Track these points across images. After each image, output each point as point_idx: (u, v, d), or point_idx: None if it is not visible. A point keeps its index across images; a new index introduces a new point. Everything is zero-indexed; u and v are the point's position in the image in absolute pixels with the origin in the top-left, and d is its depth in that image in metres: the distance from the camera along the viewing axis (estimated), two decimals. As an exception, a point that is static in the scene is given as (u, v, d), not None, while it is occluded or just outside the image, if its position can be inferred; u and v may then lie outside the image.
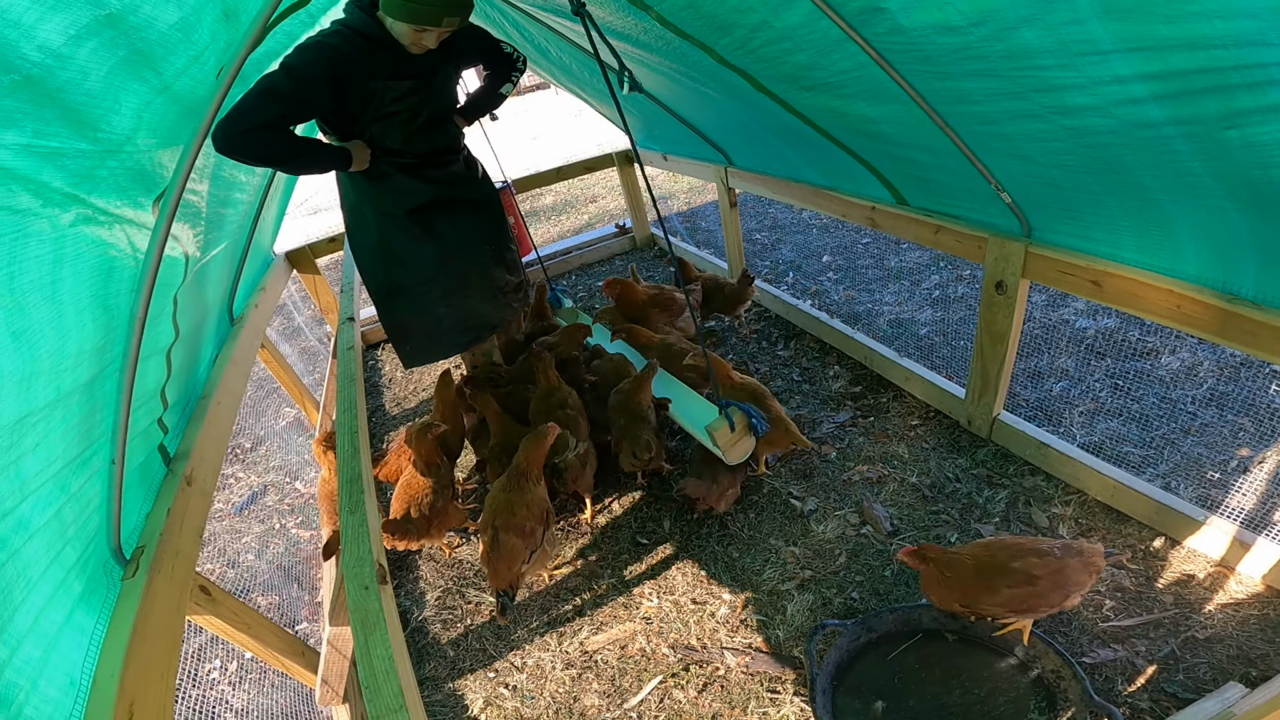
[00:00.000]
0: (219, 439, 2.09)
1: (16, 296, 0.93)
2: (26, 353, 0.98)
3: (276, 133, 2.01)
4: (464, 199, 2.68)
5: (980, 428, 2.72)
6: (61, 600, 1.21)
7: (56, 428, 1.14)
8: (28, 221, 0.95)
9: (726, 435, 2.32)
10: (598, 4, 2.42)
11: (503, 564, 2.19)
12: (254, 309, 2.97)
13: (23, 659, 1.04)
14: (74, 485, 1.25)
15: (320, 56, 2.08)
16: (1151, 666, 1.84)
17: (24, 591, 1.07)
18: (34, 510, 1.10)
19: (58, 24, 0.90)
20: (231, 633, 1.84)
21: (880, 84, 1.89)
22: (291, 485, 3.80)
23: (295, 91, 2.02)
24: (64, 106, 0.99)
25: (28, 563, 1.08)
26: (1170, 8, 1.07)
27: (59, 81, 0.96)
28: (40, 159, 0.97)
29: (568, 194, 8.21)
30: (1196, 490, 2.31)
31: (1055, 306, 3.52)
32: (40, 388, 1.06)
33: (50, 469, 1.15)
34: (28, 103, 0.92)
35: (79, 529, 1.29)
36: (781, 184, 3.46)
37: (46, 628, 1.14)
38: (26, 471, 1.07)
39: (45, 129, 0.96)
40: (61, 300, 1.06)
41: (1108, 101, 1.38)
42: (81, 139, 1.06)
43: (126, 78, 1.11)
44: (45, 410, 1.09)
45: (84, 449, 1.28)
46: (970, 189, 2.22)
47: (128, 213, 1.30)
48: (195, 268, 1.94)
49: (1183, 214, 1.61)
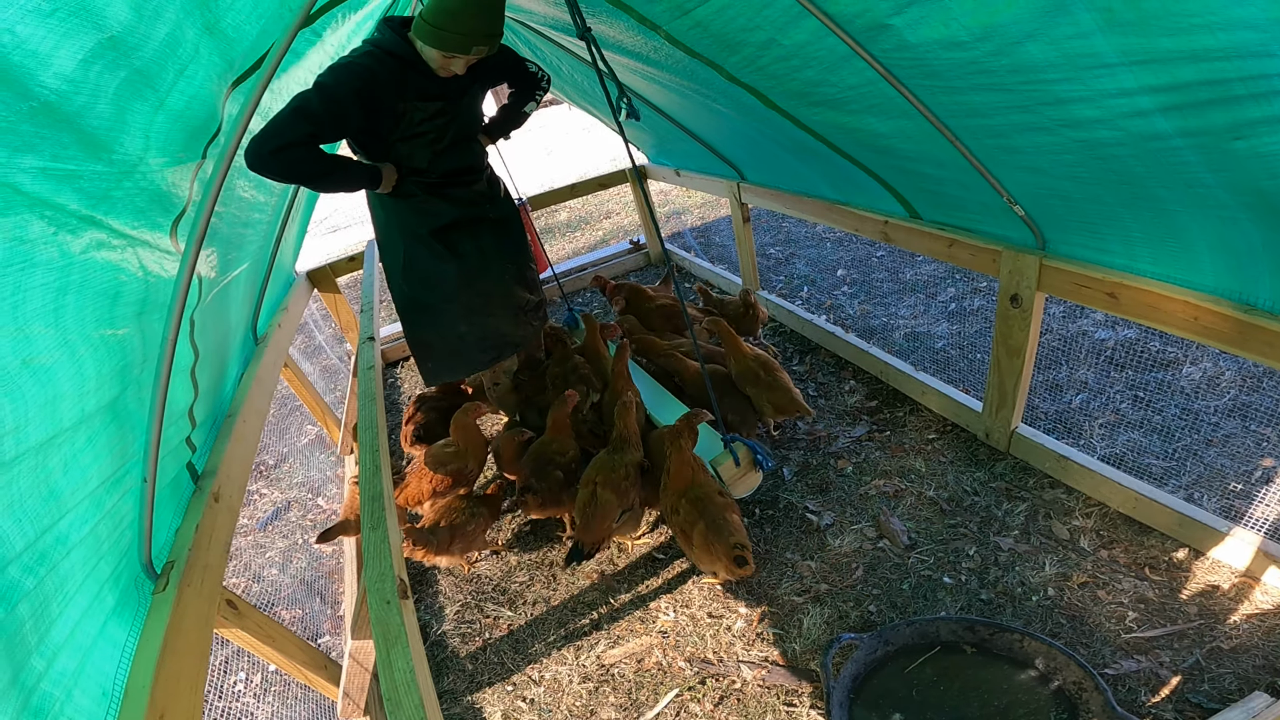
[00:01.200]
0: (245, 456, 2.13)
1: (20, 324, 0.95)
2: (43, 377, 1.01)
3: (307, 151, 2.04)
4: (487, 218, 2.72)
5: (999, 441, 2.70)
6: (96, 613, 1.24)
7: (85, 448, 1.18)
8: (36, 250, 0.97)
9: (731, 470, 2.32)
10: (609, 24, 2.47)
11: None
12: (277, 328, 3.03)
13: (59, 670, 1.07)
14: (109, 502, 1.29)
15: (352, 76, 2.12)
16: (1176, 677, 1.82)
17: (61, 605, 1.10)
18: (72, 526, 1.14)
19: (70, 50, 0.93)
20: (257, 645, 1.86)
21: (888, 99, 1.91)
22: (314, 501, 3.85)
23: (327, 110, 2.05)
24: (79, 130, 1.02)
25: (65, 577, 1.12)
26: (1173, 21, 1.09)
27: (75, 106, 0.99)
28: (58, 181, 0.99)
29: (582, 210, 8.28)
30: (1220, 501, 2.28)
31: (1073, 318, 3.50)
32: (65, 409, 1.09)
33: (86, 487, 1.18)
34: (46, 128, 0.94)
35: (113, 544, 1.33)
36: (794, 199, 3.48)
37: (81, 640, 1.17)
38: (61, 490, 1.10)
39: (62, 152, 0.99)
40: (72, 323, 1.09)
41: (1115, 114, 1.39)
42: (97, 161, 1.09)
43: (130, 98, 1.13)
44: (70, 431, 1.12)
45: (118, 468, 1.31)
46: (983, 202, 2.22)
47: (145, 234, 1.33)
48: (215, 289, 1.99)
49: (1196, 225, 1.61)
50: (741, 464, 2.33)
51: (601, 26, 2.53)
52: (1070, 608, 2.07)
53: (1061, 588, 2.13)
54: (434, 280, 2.67)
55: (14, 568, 0.97)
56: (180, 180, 1.45)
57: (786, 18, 1.79)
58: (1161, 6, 1.07)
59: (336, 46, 2.46)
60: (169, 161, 1.37)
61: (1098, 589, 2.10)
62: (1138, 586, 2.08)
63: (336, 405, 4.36)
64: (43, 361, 1.00)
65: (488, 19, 2.11)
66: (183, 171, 1.45)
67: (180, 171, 1.44)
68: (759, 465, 2.34)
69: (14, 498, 0.98)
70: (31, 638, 1.00)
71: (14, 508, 0.98)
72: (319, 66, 2.27)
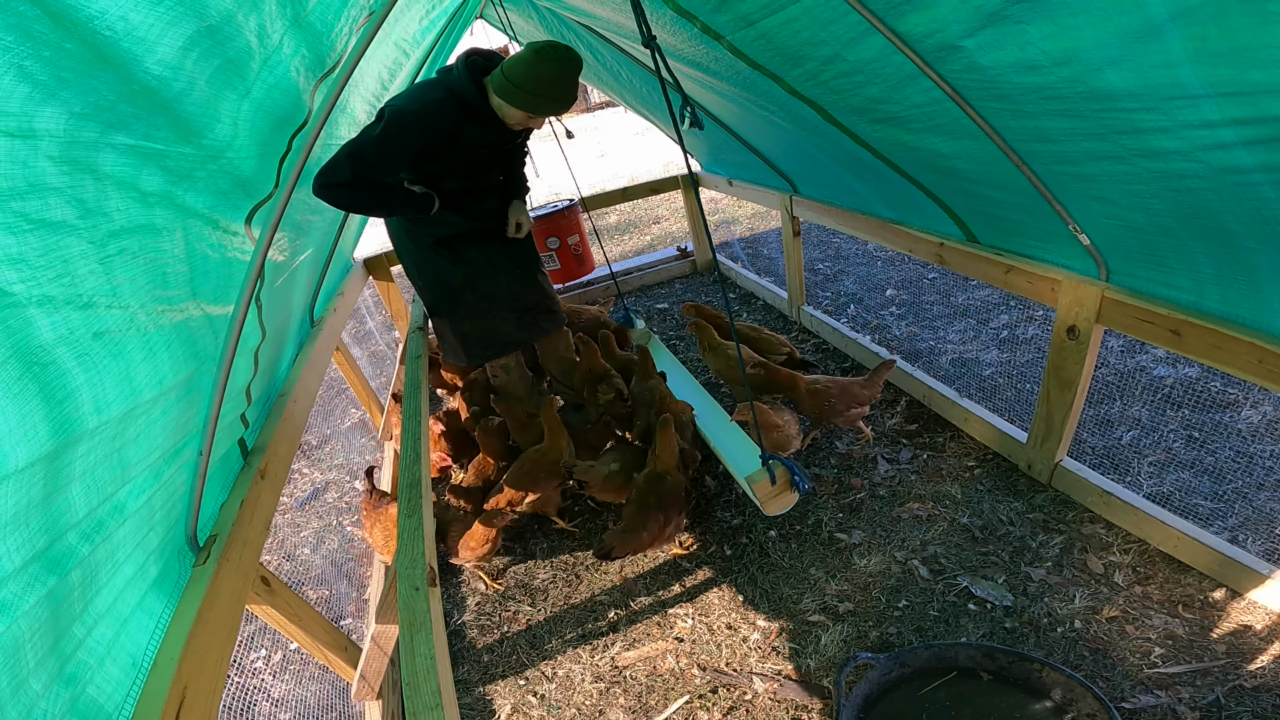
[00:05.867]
0: (292, 435, 2.18)
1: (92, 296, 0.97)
2: (116, 350, 1.03)
3: (353, 190, 2.16)
4: (494, 230, 2.83)
5: (1041, 473, 2.62)
6: (139, 583, 1.26)
7: (158, 420, 1.21)
8: (111, 220, 0.99)
9: (766, 488, 2.27)
10: (671, 32, 2.48)
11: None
12: (333, 312, 3.11)
13: (96, 639, 1.08)
14: (166, 474, 1.32)
15: (419, 126, 2.21)
16: (1194, 714, 1.76)
17: (109, 574, 1.12)
18: (130, 496, 1.17)
19: (173, 38, 0.96)
20: (284, 623, 1.88)
21: (954, 119, 1.88)
22: (351, 484, 3.94)
23: (380, 159, 2.16)
24: (174, 114, 1.05)
25: (117, 546, 1.14)
26: (1266, 53, 1.05)
27: (173, 92, 1.02)
28: (143, 159, 1.03)
29: (632, 214, 8.32)
30: (1265, 545, 2.19)
31: (1132, 353, 3.38)
32: (142, 383, 1.12)
33: (150, 458, 1.21)
34: (143, 109, 0.97)
35: (164, 515, 1.36)
36: (847, 215, 3.44)
37: (121, 609, 1.18)
38: (129, 460, 1.13)
39: (155, 133, 1.02)
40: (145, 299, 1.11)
41: (1195, 146, 1.34)
42: (186, 144, 1.13)
43: (221, 86, 1.17)
44: (148, 405, 1.15)
45: (179, 440, 1.35)
46: (1045, 229, 2.17)
47: (222, 219, 1.37)
48: (285, 273, 2.05)
49: (1270, 264, 1.55)
50: (777, 483, 2.28)
51: (664, 34, 2.54)
52: (1095, 640, 2.01)
53: (1089, 620, 2.07)
54: (441, 282, 2.83)
55: (73, 534, 0.99)
56: (265, 168, 1.49)
57: (853, 34, 1.77)
58: (1256, 38, 1.03)
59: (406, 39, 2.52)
60: (255, 149, 1.41)
61: (1126, 623, 2.04)
62: (1168, 623, 2.01)
63: (381, 391, 4.46)
64: (115, 336, 1.03)
65: (570, 87, 2.27)
66: (268, 160, 1.50)
67: (265, 160, 1.48)
68: (795, 486, 2.30)
69: (88, 465, 1.01)
70: (78, 605, 1.02)
71: (86, 475, 1.01)
72: (390, 62, 2.33)
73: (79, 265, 0.92)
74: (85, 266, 0.93)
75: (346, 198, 2.17)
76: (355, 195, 2.18)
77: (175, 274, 1.22)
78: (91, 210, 0.93)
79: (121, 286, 1.03)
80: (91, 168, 0.92)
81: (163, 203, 1.11)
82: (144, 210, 1.05)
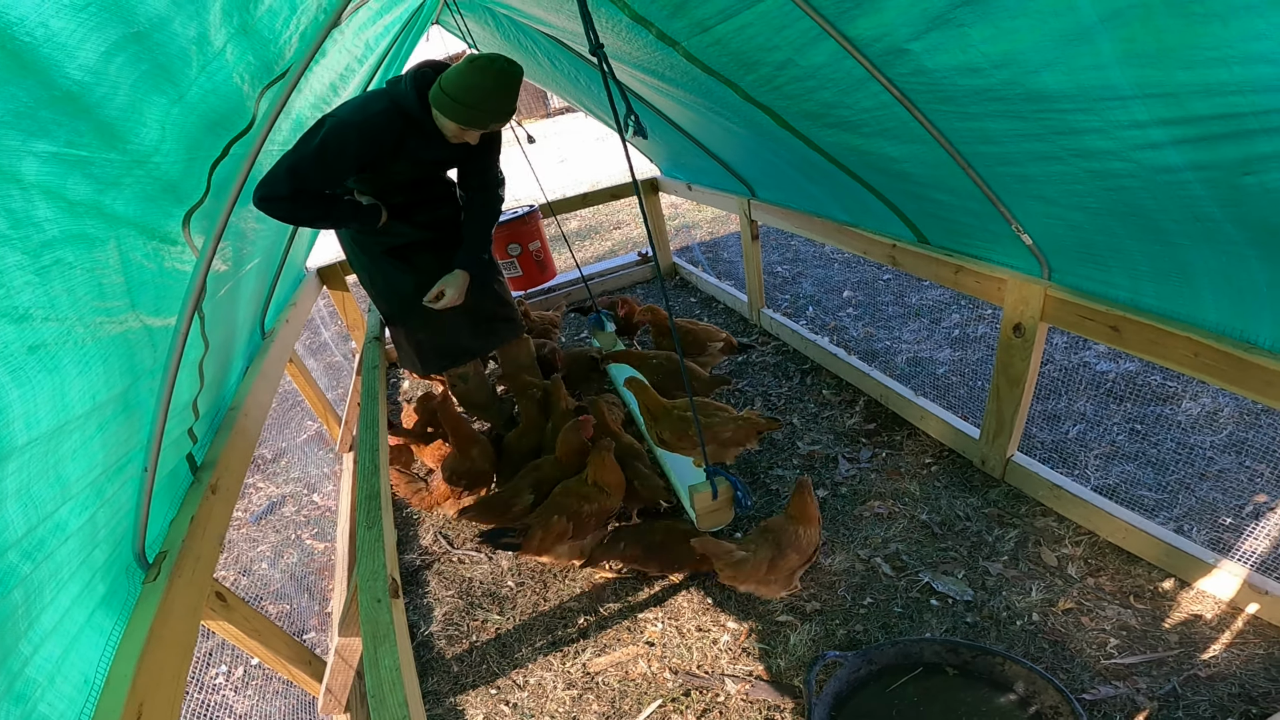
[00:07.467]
0: (244, 450, 2.13)
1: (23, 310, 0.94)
2: (50, 364, 1.01)
3: (291, 204, 2.13)
4: (450, 239, 2.79)
5: (994, 468, 2.70)
6: (86, 601, 1.23)
7: (94, 436, 1.18)
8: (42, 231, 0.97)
9: (706, 501, 2.24)
10: (626, 39, 2.49)
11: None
12: (285, 324, 3.04)
13: (44, 657, 1.06)
14: (109, 490, 1.28)
15: (359, 140, 2.18)
16: (1152, 704, 1.82)
17: (54, 592, 1.09)
18: (72, 514, 1.13)
19: (96, 43, 0.94)
20: (243, 639, 1.85)
21: (903, 123, 1.93)
22: (309, 498, 3.85)
23: (319, 172, 2.14)
24: (97, 120, 1.03)
25: (60, 564, 1.11)
26: (1190, 54, 1.09)
27: (95, 97, 1.00)
28: (68, 166, 1.00)
29: (593, 219, 8.33)
30: (1209, 534, 2.28)
31: (1076, 349, 3.50)
32: (75, 398, 1.09)
33: (90, 475, 1.18)
34: (64, 115, 0.95)
35: (109, 532, 1.32)
36: (804, 218, 3.50)
37: (69, 627, 1.16)
38: (68, 476, 1.10)
39: (78, 139, 1.00)
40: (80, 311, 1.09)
41: (1127, 146, 1.40)
42: (111, 149, 1.10)
43: (148, 90, 1.15)
44: (82, 420, 1.12)
45: (121, 456, 1.31)
46: (991, 230, 2.23)
47: (155, 226, 1.34)
48: (229, 283, 2.00)
49: (1202, 260, 1.62)
50: (719, 498, 2.24)
51: (619, 41, 2.56)
52: (1053, 633, 2.07)
53: (1046, 613, 2.13)
54: (394, 291, 2.80)
55: (13, 553, 0.97)
56: (195, 172, 1.46)
57: (805, 39, 1.80)
58: (1181, 39, 1.07)
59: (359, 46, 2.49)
60: (183, 153, 1.38)
61: (1082, 615, 2.11)
62: (1121, 614, 2.08)
63: (338, 403, 4.37)
64: (50, 350, 1.00)
65: (508, 99, 2.20)
66: (197, 164, 1.46)
67: (195, 164, 1.45)
68: (737, 503, 2.28)
69: (23, 483, 0.98)
70: (22, 623, 0.99)
71: (22, 493, 0.98)
72: (342, 68, 2.29)
73: (14, 277, 0.90)
74: (21, 278, 0.91)
75: (286, 210, 2.13)
76: (296, 209, 2.15)
77: (112, 285, 1.18)
78: (21, 220, 0.91)
79: (59, 299, 1.00)
80: (15, 176, 0.90)
81: (91, 212, 1.08)
82: (73, 220, 1.03)
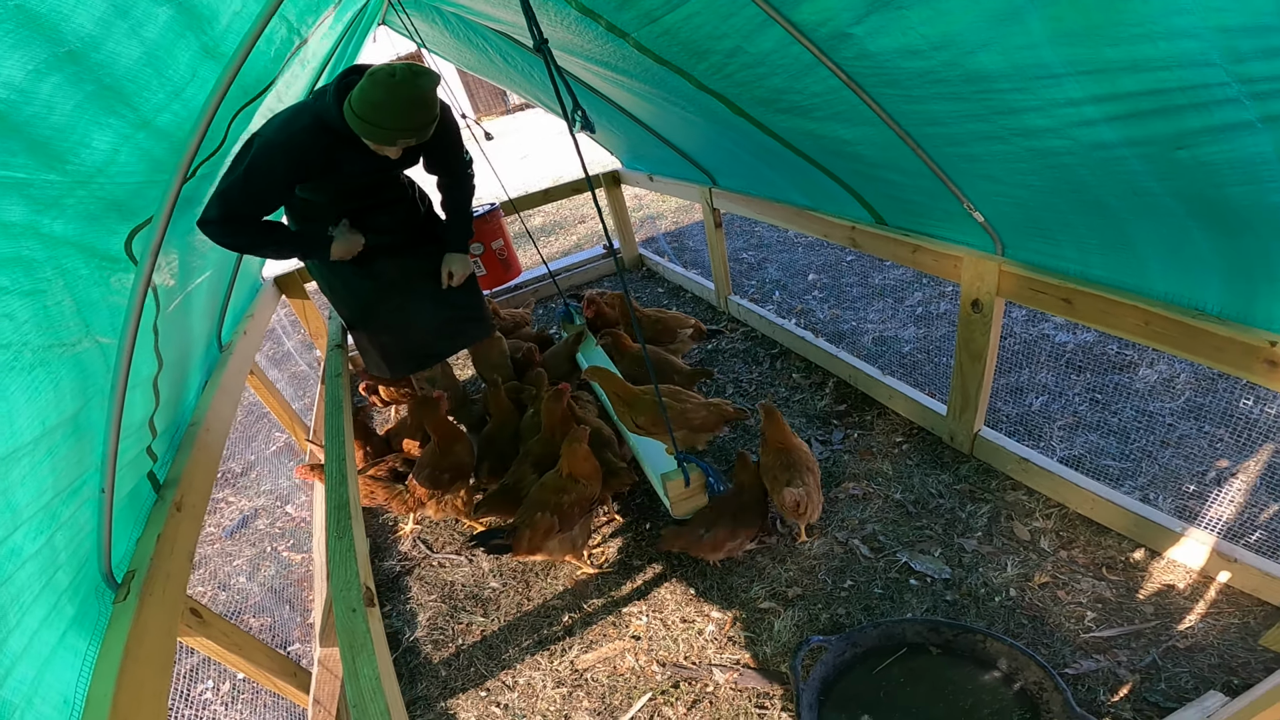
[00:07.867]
0: (209, 465, 2.10)
1: None
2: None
3: (227, 229, 2.11)
4: (407, 241, 2.76)
5: (962, 444, 2.75)
6: (55, 623, 1.22)
7: (43, 460, 1.16)
8: None
9: (679, 489, 2.27)
10: (577, 32, 2.48)
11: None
12: (243, 336, 2.99)
13: (18, 679, 1.06)
14: (65, 513, 1.26)
15: (284, 160, 2.14)
16: (1133, 676, 1.86)
17: (18, 615, 1.08)
18: (26, 539, 1.12)
19: (18, 61, 0.92)
20: (223, 654, 1.85)
21: (852, 107, 1.95)
22: (282, 509, 3.80)
23: (247, 199, 2.11)
24: (29, 139, 1.00)
25: (21, 588, 1.10)
26: (1115, 31, 1.12)
27: (24, 115, 0.97)
28: (3, 189, 0.98)
29: (557, 215, 8.28)
30: (1175, 502, 2.34)
31: (1035, 322, 3.58)
32: (24, 424, 1.07)
33: (41, 499, 1.16)
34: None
35: (70, 555, 1.31)
36: (765, 204, 3.52)
37: (40, 649, 1.15)
38: (18, 502, 1.08)
39: (11, 160, 0.97)
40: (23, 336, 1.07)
41: (1064, 123, 1.43)
42: (50, 170, 1.08)
43: (98, 112, 1.13)
44: (31, 446, 1.10)
45: (74, 479, 1.29)
46: (945, 209, 2.27)
47: (95, 244, 1.31)
48: (178, 298, 1.96)
49: (1146, 232, 1.66)
50: (691, 485, 2.27)
51: (570, 35, 2.54)
52: (1031, 608, 2.11)
53: (1023, 588, 2.17)
54: (354, 297, 2.78)
55: None
56: (149, 193, 1.43)
57: (752, 26, 1.81)
58: (1106, 16, 1.10)
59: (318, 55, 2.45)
60: (140, 176, 1.35)
61: (1058, 589, 2.15)
62: (1096, 586, 2.13)
63: (305, 413, 4.31)
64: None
65: (414, 113, 2.07)
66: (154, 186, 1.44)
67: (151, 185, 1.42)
68: (709, 489, 2.28)
69: None
70: None
71: None
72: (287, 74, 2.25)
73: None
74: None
75: (225, 236, 2.11)
76: (232, 234, 2.12)
77: (59, 307, 1.16)
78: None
79: (1, 324, 0.99)
80: None
81: (27, 233, 1.05)
82: (7, 243, 1.00)
